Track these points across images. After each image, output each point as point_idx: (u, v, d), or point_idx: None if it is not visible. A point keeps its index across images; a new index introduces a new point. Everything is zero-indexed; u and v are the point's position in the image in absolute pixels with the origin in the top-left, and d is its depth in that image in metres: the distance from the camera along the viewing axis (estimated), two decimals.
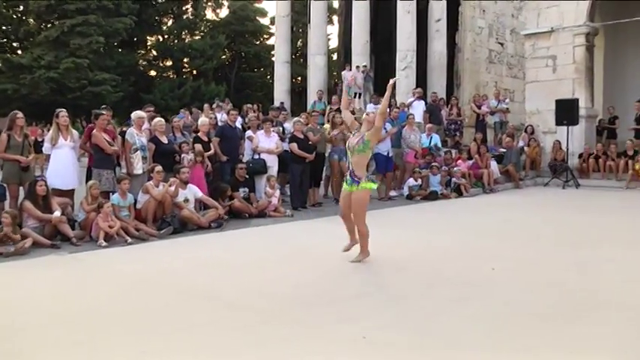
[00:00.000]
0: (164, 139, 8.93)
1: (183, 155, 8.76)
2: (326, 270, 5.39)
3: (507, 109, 16.56)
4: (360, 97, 17.57)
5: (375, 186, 5.90)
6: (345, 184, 5.73)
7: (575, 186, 13.97)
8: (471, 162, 13.41)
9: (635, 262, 5.72)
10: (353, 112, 14.35)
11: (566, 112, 14.40)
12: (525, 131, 16.26)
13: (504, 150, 14.73)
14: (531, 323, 3.81)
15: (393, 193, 11.83)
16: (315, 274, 5.21)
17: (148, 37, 34.25)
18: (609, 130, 16.64)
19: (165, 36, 34.82)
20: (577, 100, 14.78)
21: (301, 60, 34.30)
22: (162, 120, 9.22)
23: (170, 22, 35.20)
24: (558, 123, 14.75)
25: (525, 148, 15.36)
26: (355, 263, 5.59)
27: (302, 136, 10.07)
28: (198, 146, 9.10)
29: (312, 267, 5.53)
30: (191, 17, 35.78)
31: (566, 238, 7.02)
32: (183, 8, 35.13)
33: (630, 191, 12.92)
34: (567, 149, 14.58)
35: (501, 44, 19.76)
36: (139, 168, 8.29)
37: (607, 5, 17.01)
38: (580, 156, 14.90)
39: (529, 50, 16.67)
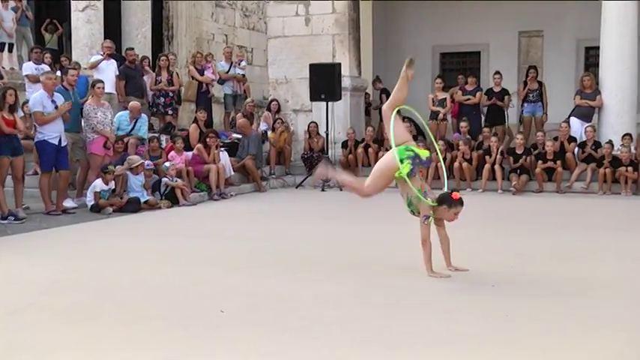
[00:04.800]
0: None
1: None
2: None
3: (244, 75, 17.13)
4: (11, 51, 16.62)
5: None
6: None
7: (339, 187, 14.98)
8: (190, 154, 13.60)
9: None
10: (1, 77, 13.70)
11: (325, 82, 15.41)
12: (269, 109, 17.02)
13: (239, 136, 15.20)
14: None
15: (69, 202, 11.58)
16: None
17: None
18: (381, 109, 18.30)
19: None
20: (339, 65, 15.93)
21: None
22: None
23: None
24: (314, 98, 15.73)
25: (269, 134, 16.06)
26: None
27: None
28: None
29: None
30: None
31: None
32: None
33: None
34: (327, 135, 15.63)
35: None
36: None
37: None
38: (344, 144, 16.10)
39: None
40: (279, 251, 8.12)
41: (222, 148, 14.25)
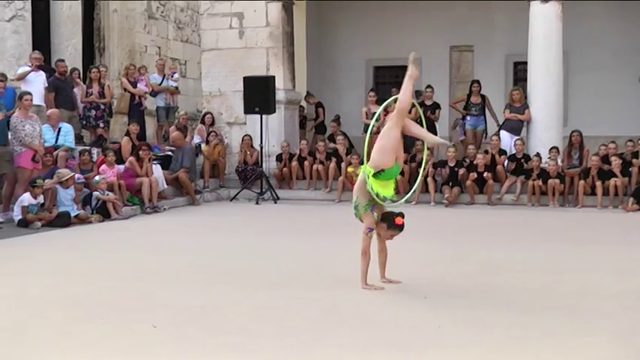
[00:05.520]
0: None
1: None
2: None
3: (177, 88, 17.02)
4: None
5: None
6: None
7: (274, 200, 15.03)
8: (122, 167, 13.49)
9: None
10: None
11: (259, 95, 15.42)
12: (203, 122, 16.93)
13: (172, 149, 15.09)
14: None
15: None
16: None
17: None
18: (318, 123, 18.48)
19: None
20: (273, 78, 15.96)
21: None
22: None
23: None
24: (248, 110, 15.72)
25: (203, 147, 15.97)
26: None
27: None
28: None
29: None
30: None
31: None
32: None
33: (342, 205, 14.40)
34: (262, 148, 15.62)
35: None
36: None
37: None
38: (279, 158, 16.12)
39: (205, 3, 17.47)
40: (213, 265, 8.11)
41: (154, 161, 14.13)
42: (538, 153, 14.55)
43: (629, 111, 18.63)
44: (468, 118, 16.26)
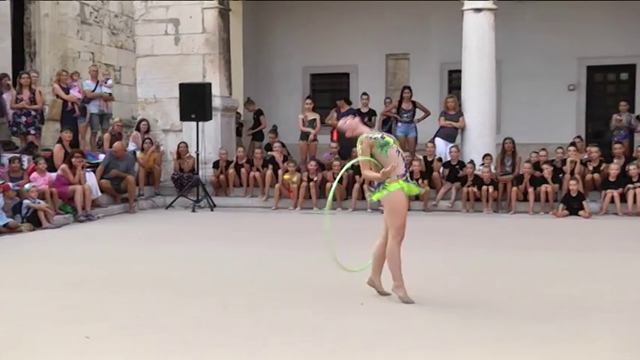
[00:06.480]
0: None
1: None
2: None
3: (110, 94, 16.80)
4: None
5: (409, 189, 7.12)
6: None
7: (210, 207, 14.93)
8: (54, 175, 13.28)
9: None
10: None
11: (195, 101, 15.34)
12: (138, 129, 16.75)
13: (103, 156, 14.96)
14: None
15: None
16: None
17: None
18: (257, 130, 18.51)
19: None
20: (209, 85, 15.88)
21: None
22: None
23: None
24: (184, 117, 15.61)
25: (138, 154, 15.80)
26: None
27: None
28: None
29: None
30: None
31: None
32: None
33: (279, 212, 14.44)
34: (198, 155, 15.51)
35: None
36: None
37: None
38: (216, 165, 16.03)
39: (140, 9, 17.31)
40: (148, 274, 8.01)
41: (88, 169, 13.92)
42: (472, 160, 14.74)
43: (559, 119, 19.00)
44: (399, 124, 16.37)
